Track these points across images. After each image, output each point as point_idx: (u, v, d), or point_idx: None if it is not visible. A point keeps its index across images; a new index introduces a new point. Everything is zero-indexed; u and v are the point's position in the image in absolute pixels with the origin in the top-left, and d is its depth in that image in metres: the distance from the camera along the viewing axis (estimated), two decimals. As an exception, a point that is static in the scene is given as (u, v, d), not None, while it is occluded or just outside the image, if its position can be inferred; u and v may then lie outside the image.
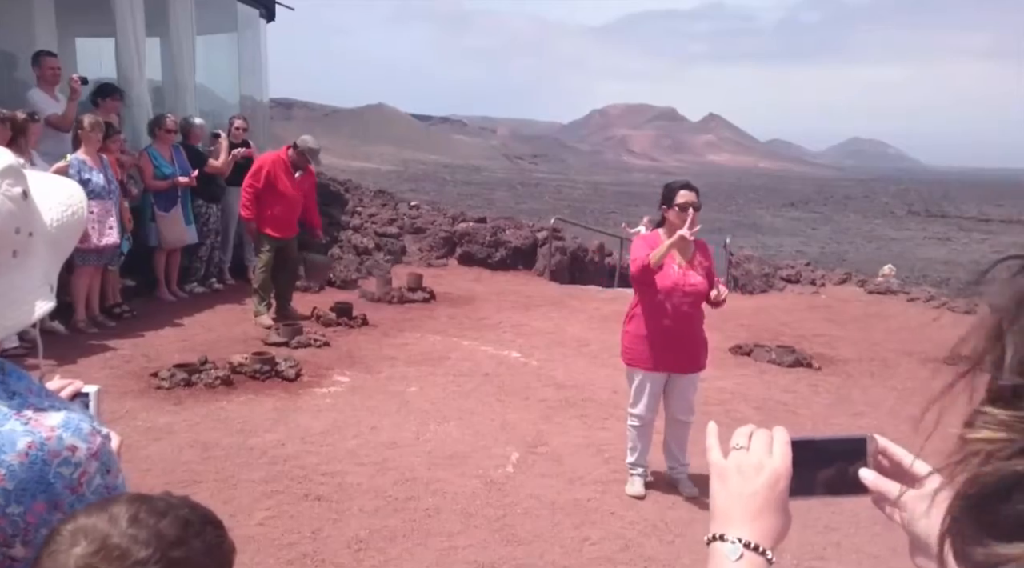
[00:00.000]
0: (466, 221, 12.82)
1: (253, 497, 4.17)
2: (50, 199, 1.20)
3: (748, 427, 0.98)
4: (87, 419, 1.13)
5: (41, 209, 1.18)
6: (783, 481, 0.93)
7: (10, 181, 1.10)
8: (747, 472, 0.93)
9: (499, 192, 63.54)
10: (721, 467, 0.96)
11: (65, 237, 1.22)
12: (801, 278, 12.40)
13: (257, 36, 11.88)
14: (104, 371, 5.96)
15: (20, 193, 1.11)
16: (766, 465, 0.93)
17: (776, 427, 0.97)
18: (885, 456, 0.96)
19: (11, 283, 1.10)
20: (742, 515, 0.91)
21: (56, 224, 1.20)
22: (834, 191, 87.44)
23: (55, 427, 1.07)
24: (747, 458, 0.94)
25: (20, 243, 1.11)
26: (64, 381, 1.36)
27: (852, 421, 5.97)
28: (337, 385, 6.10)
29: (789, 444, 0.95)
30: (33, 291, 1.13)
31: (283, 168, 7.76)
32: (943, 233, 47.88)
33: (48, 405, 1.11)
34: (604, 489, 4.60)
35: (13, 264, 1.11)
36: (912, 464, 0.95)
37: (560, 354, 7.42)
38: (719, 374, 7.00)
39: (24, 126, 6.34)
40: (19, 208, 1.11)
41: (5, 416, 1.06)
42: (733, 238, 18.52)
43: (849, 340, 8.61)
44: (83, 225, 1.26)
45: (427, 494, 4.36)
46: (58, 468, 1.06)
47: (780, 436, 0.96)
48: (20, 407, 1.07)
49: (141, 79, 9.15)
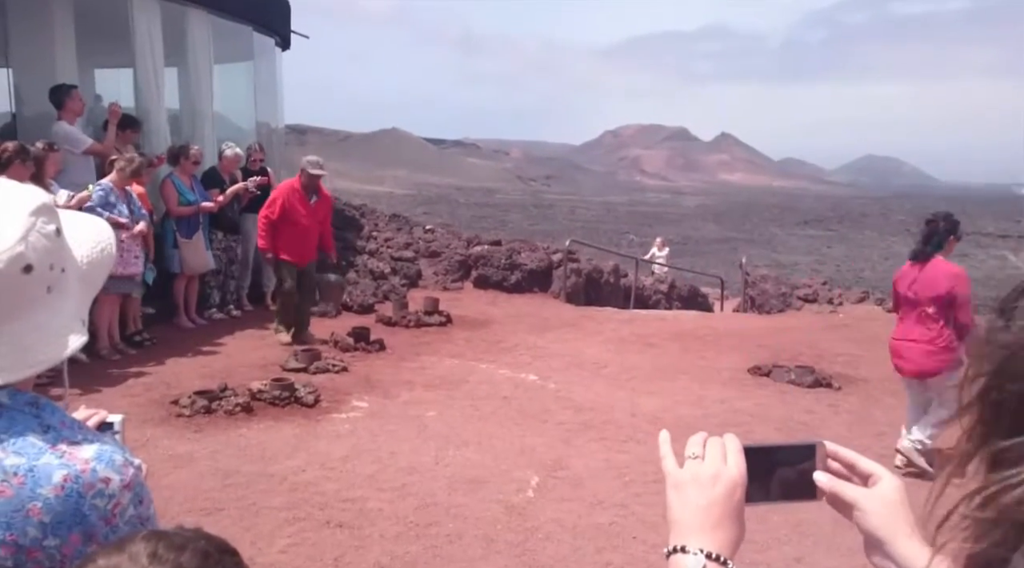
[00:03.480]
0: (481, 244, 12.85)
1: (275, 524, 4.17)
2: (81, 236, 1.24)
3: (700, 435, 0.99)
4: (120, 450, 1.15)
5: (73, 246, 1.21)
6: (739, 490, 0.94)
7: (44, 219, 1.13)
8: (704, 482, 0.94)
9: (513, 214, 63.71)
10: (677, 477, 0.96)
11: (95, 273, 1.25)
12: (818, 297, 12.34)
13: (273, 64, 12.03)
14: (126, 399, 6.00)
15: (54, 230, 1.14)
16: (722, 474, 0.94)
17: (727, 434, 0.98)
18: (836, 459, 0.98)
19: (45, 318, 1.13)
20: (701, 525, 0.92)
21: (87, 260, 1.23)
22: (849, 209, 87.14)
23: (89, 460, 1.09)
24: (703, 468, 0.95)
25: (54, 279, 1.14)
26: (89, 411, 1.39)
27: (874, 441, 5.91)
28: (356, 410, 6.10)
29: (742, 452, 0.96)
30: (66, 326, 1.16)
31: (297, 196, 7.87)
32: (961, 249, 47.53)
33: (81, 438, 1.13)
34: (626, 513, 4.57)
35: (47, 300, 1.13)
36: (861, 464, 0.98)
37: (578, 376, 7.40)
38: (739, 395, 6.97)
39: (44, 157, 6.45)
40: (53, 245, 1.14)
41: (41, 450, 1.08)
42: (748, 257, 18.50)
43: (869, 359, 8.54)
44: (112, 262, 1.29)
45: (448, 519, 4.35)
46: (93, 500, 1.08)
47: (732, 444, 0.97)
48: (55, 441, 1.10)
49: (159, 109, 9.29)
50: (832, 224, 66.16)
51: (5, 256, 1.07)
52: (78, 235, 1.23)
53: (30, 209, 1.12)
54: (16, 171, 6.00)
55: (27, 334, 1.11)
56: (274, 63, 12.19)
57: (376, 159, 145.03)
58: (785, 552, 4.12)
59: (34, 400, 1.13)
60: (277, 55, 12.32)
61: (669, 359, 8.22)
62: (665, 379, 7.43)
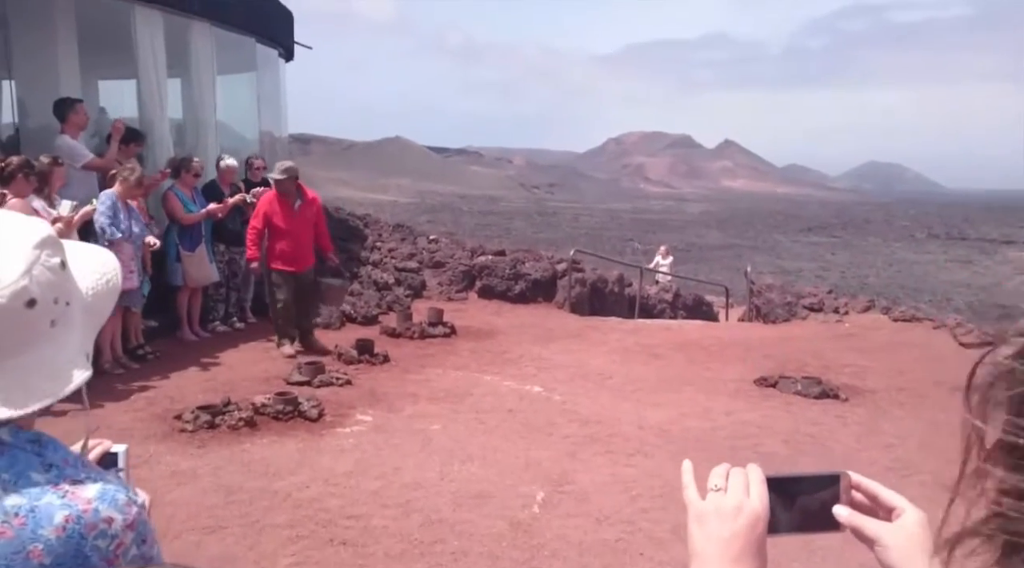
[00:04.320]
0: (485, 254, 12.83)
1: (278, 543, 4.13)
2: (85, 268, 1.22)
3: (723, 466, 0.99)
4: (123, 489, 1.13)
5: (77, 277, 1.19)
6: (761, 524, 0.93)
7: (49, 252, 1.11)
8: (726, 514, 0.94)
9: (516, 222, 63.79)
10: (699, 509, 0.96)
11: (100, 305, 1.22)
12: (824, 306, 12.29)
13: (276, 75, 12.07)
14: (128, 414, 5.97)
15: (58, 263, 1.12)
16: (745, 507, 0.94)
17: (750, 465, 0.98)
18: (859, 490, 0.98)
19: (49, 353, 1.11)
20: (722, 558, 0.92)
21: (92, 292, 1.21)
22: (853, 215, 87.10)
23: (91, 499, 1.07)
24: (725, 500, 0.95)
25: (58, 313, 1.12)
26: (93, 441, 1.36)
27: (883, 454, 5.85)
28: (360, 424, 6.07)
29: (765, 483, 0.96)
30: (71, 360, 1.14)
31: (279, 204, 7.87)
32: (965, 256, 47.51)
33: (84, 476, 1.10)
34: (632, 529, 4.52)
35: (51, 334, 1.11)
36: (884, 496, 0.97)
37: (583, 388, 7.36)
38: (745, 407, 6.92)
39: (49, 171, 6.44)
40: (57, 278, 1.12)
41: (43, 490, 1.06)
42: (752, 264, 18.45)
43: (876, 370, 8.49)
44: (117, 293, 1.26)
45: (452, 536, 4.31)
46: (95, 541, 1.06)
47: (755, 476, 0.97)
48: (57, 479, 1.08)
49: (163, 120, 9.30)
50: (836, 230, 66.13)
51: (8, 291, 1.05)
52: (83, 266, 1.21)
53: (34, 242, 1.10)
54: (20, 185, 5.99)
55: (31, 369, 1.09)
56: (277, 73, 12.23)
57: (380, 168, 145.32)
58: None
59: (36, 437, 1.11)
60: (280, 65, 12.36)
61: (675, 370, 8.18)
62: (671, 390, 7.38)
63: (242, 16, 10.61)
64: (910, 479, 5.32)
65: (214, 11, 9.81)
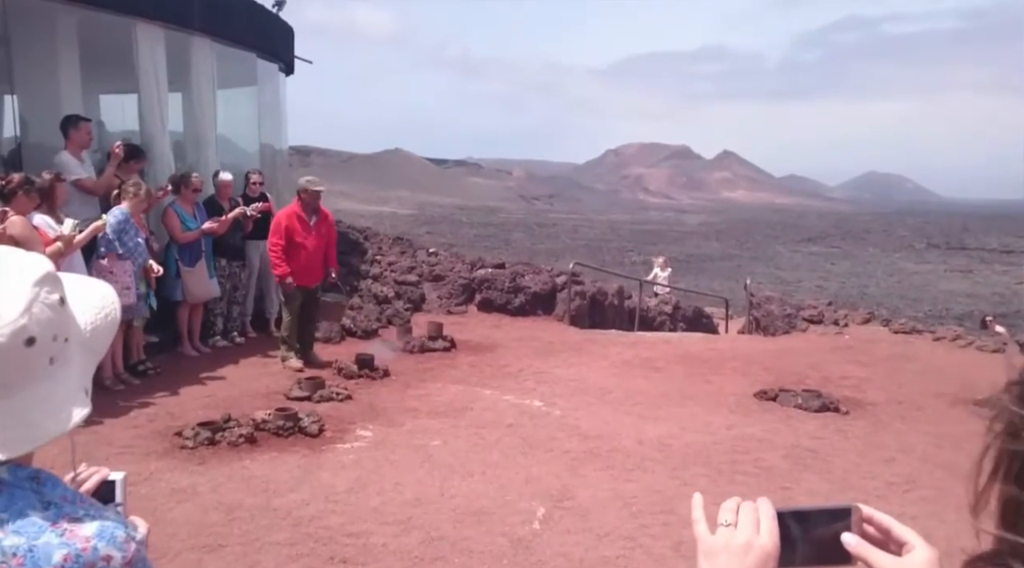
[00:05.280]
0: (485, 267, 12.84)
1: (278, 561, 4.12)
2: (84, 303, 1.21)
3: (733, 501, 0.99)
4: (121, 526, 1.13)
5: (76, 312, 1.18)
6: (772, 562, 0.93)
7: (48, 288, 1.10)
8: (735, 551, 0.94)
9: (516, 233, 63.82)
10: (709, 544, 0.96)
11: (99, 340, 1.22)
12: (824, 318, 12.30)
13: (276, 89, 12.10)
14: (129, 431, 5.96)
15: (57, 300, 1.12)
16: (755, 544, 0.94)
17: (760, 499, 0.98)
18: (871, 524, 0.97)
19: (48, 391, 1.10)
20: None
21: (90, 327, 1.20)
22: (852, 225, 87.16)
23: (90, 537, 1.07)
24: (735, 536, 0.95)
25: (57, 350, 1.11)
26: (90, 469, 1.36)
27: (884, 468, 5.85)
28: (360, 440, 6.06)
29: (775, 519, 0.96)
30: (69, 398, 1.13)
31: (298, 220, 7.95)
32: (964, 265, 47.53)
33: (83, 513, 1.10)
34: (633, 545, 4.52)
35: (50, 371, 1.11)
36: (896, 531, 0.96)
37: (583, 402, 7.35)
38: (746, 421, 6.92)
39: (52, 188, 6.44)
40: (56, 315, 1.11)
41: (41, 528, 1.05)
42: (751, 274, 18.45)
43: (876, 382, 8.49)
44: (116, 327, 1.26)
45: (453, 554, 4.30)
46: None
47: (766, 510, 0.97)
48: (56, 518, 1.07)
49: (163, 134, 9.32)
50: (835, 241, 66.17)
51: (8, 330, 1.04)
52: (81, 301, 1.20)
53: (33, 280, 1.09)
54: (21, 203, 5.99)
55: (30, 408, 1.08)
56: (278, 87, 12.26)
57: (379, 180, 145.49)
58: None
59: (35, 474, 1.11)
60: (281, 79, 12.39)
61: (675, 383, 8.17)
62: (671, 404, 7.38)
63: (243, 32, 10.65)
64: (912, 494, 5.32)
65: (215, 27, 9.85)
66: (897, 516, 0.97)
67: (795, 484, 5.45)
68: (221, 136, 10.52)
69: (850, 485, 5.46)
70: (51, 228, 6.23)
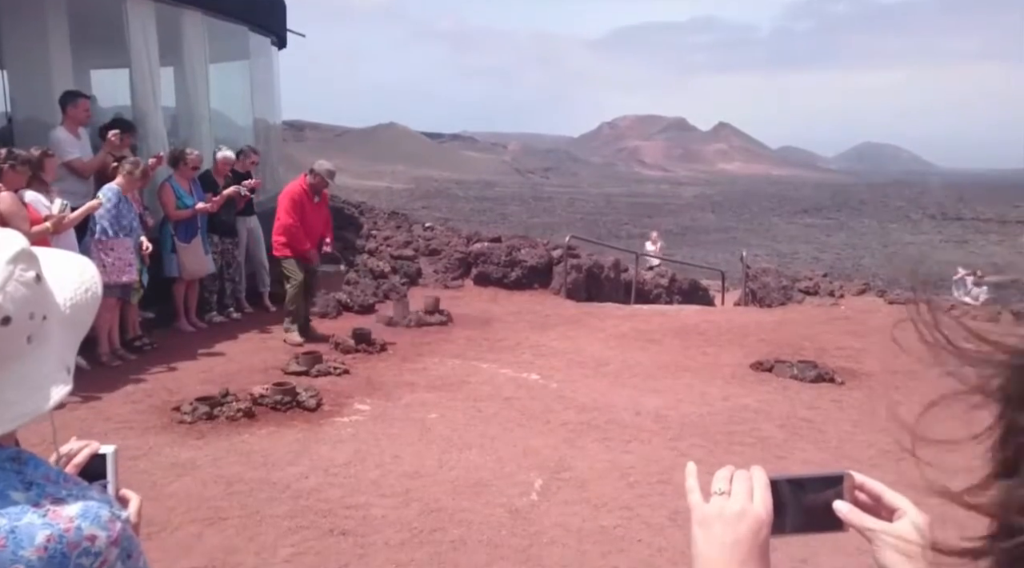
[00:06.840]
0: (481, 241, 12.82)
1: (278, 533, 4.16)
2: (63, 279, 1.17)
3: (727, 469, 1.00)
4: (106, 505, 1.11)
5: (54, 289, 1.15)
6: (765, 529, 0.94)
7: (23, 266, 1.07)
8: (729, 519, 0.94)
9: (512, 206, 63.68)
10: (703, 513, 0.97)
11: (80, 316, 1.19)
12: (819, 290, 12.32)
13: (269, 63, 12.02)
14: (127, 406, 5.98)
15: (33, 277, 1.09)
16: (749, 512, 0.95)
17: (754, 468, 0.99)
18: (863, 491, 0.98)
19: (27, 370, 1.08)
20: (727, 564, 0.93)
21: (70, 304, 1.17)
22: (848, 196, 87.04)
23: (73, 517, 1.05)
24: (729, 504, 0.96)
25: (34, 328, 1.09)
26: (80, 443, 1.33)
27: (880, 437, 5.89)
28: (358, 414, 6.09)
29: (769, 487, 0.97)
30: (49, 376, 1.11)
31: (306, 197, 8.02)
32: (960, 235, 47.56)
33: (66, 493, 1.08)
34: (630, 515, 4.56)
35: (28, 350, 1.08)
36: (887, 497, 0.97)
37: (580, 375, 7.38)
38: (741, 391, 6.95)
39: (41, 162, 6.40)
40: (33, 292, 1.08)
41: (23, 509, 1.04)
42: (748, 246, 18.46)
43: (871, 353, 8.52)
44: (98, 302, 1.22)
45: (452, 525, 4.34)
46: (78, 559, 1.04)
47: (759, 479, 0.98)
48: (38, 498, 1.05)
49: (156, 110, 9.26)
50: (831, 212, 66.12)
51: None
52: (60, 277, 1.17)
53: (7, 257, 1.06)
54: (9, 178, 5.96)
55: (8, 388, 1.06)
56: (271, 61, 12.18)
57: (374, 154, 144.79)
58: (791, 553, 4.10)
59: (16, 455, 1.09)
60: (273, 53, 12.30)
61: (671, 355, 8.20)
62: (667, 376, 7.41)
63: (234, 5, 10.55)
64: (905, 461, 5.35)
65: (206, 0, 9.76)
66: (891, 484, 0.98)
67: (790, 454, 5.49)
68: (214, 111, 10.45)
69: (845, 454, 5.50)
70: (43, 206, 6.19)
